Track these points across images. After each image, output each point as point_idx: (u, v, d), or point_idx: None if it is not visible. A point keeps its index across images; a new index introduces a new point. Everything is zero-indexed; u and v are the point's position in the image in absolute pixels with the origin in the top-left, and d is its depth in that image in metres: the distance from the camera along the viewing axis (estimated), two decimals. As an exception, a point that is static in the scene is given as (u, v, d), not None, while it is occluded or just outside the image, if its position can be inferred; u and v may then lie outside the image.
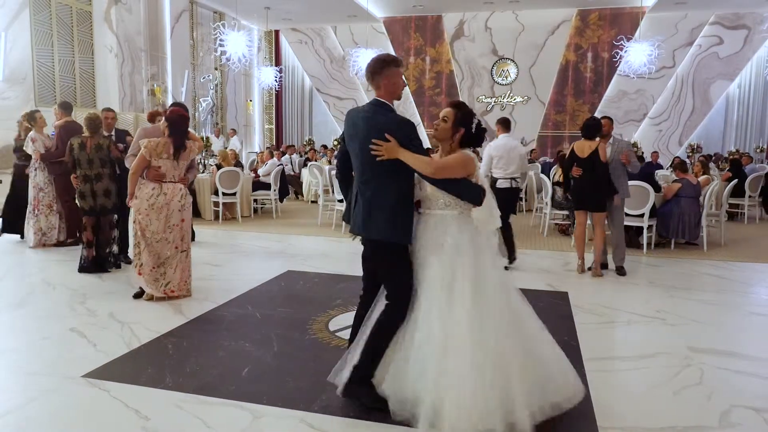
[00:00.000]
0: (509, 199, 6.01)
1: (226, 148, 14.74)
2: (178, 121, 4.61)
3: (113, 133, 6.17)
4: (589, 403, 2.99)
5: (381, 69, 2.83)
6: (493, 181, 5.94)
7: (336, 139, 14.53)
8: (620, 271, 5.91)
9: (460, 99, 17.34)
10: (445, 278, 2.69)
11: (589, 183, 5.65)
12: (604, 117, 5.92)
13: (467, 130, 2.81)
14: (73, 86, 11.75)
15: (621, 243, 5.93)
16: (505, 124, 6.16)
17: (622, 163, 5.70)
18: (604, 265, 6.04)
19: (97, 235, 5.67)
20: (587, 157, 5.58)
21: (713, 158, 13.95)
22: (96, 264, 5.65)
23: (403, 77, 2.97)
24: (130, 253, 5.59)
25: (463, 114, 2.82)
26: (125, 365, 3.43)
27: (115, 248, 5.86)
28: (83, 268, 5.61)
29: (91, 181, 5.54)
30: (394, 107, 2.87)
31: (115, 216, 5.82)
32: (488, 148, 6.15)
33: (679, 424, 2.82)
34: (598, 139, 5.66)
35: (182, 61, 14.51)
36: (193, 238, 7.23)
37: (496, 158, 5.96)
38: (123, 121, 12.07)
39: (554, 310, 4.71)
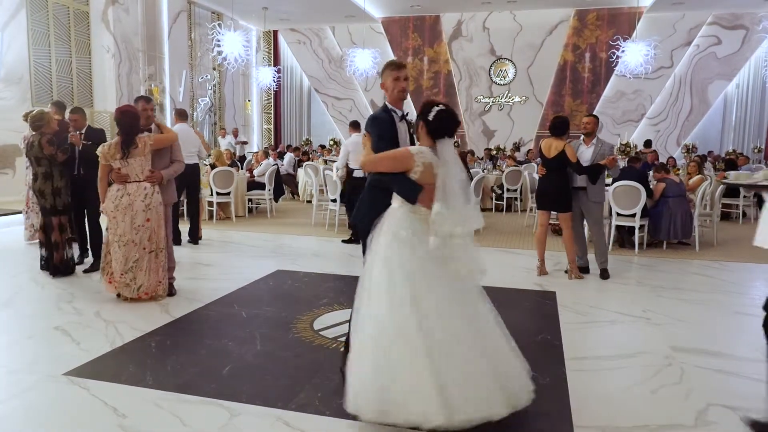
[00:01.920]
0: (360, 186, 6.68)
1: (257, 149, 14.83)
2: (121, 119, 4.54)
3: (83, 131, 5.85)
4: (566, 402, 3.01)
5: (381, 72, 3.20)
6: (350, 171, 7.37)
7: (332, 139, 14.53)
8: (603, 274, 5.71)
9: (458, 99, 17.46)
10: (382, 268, 2.69)
11: (554, 183, 5.57)
12: (590, 115, 5.84)
13: (425, 120, 2.82)
14: (70, 86, 11.80)
15: (601, 243, 5.73)
16: (354, 126, 7.82)
17: (603, 166, 5.55)
18: (585, 269, 5.87)
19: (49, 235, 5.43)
20: (554, 157, 5.50)
21: (710, 158, 13.93)
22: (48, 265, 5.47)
23: (401, 77, 3.15)
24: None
25: (421, 106, 2.89)
26: (107, 364, 3.45)
27: (68, 252, 5.52)
28: (43, 267, 5.51)
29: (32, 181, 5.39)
30: (391, 108, 3.17)
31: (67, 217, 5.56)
32: (344, 144, 7.91)
33: (654, 423, 2.83)
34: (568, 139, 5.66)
35: (180, 62, 14.56)
36: (202, 237, 7.37)
37: (351, 152, 7.42)
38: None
39: (540, 310, 4.74)
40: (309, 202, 10.79)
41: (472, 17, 17.12)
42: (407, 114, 3.26)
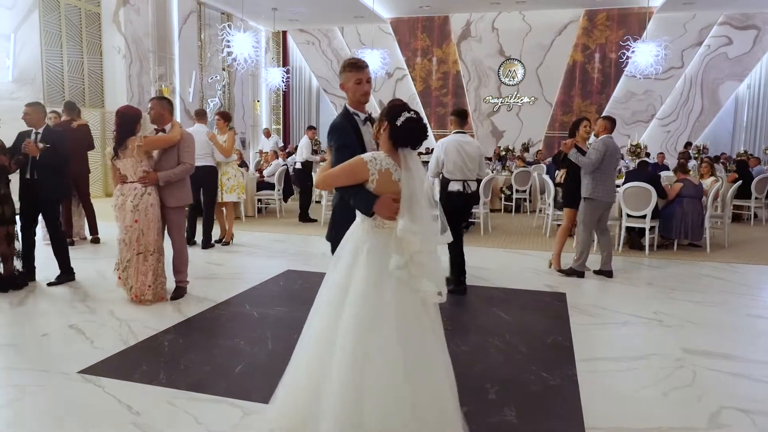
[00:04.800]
0: None
1: (282, 146, 14.77)
2: (115, 119, 4.62)
3: (40, 131, 5.16)
4: (578, 403, 3.01)
5: (339, 73, 3.01)
6: None
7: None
8: (574, 272, 5.77)
9: (467, 100, 17.42)
10: (337, 286, 2.45)
11: (564, 180, 6.12)
12: (601, 117, 5.98)
13: (391, 124, 2.44)
14: (82, 87, 11.89)
15: (583, 245, 5.74)
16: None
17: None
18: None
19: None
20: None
21: (721, 159, 13.83)
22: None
23: (363, 79, 2.89)
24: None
25: (390, 107, 2.50)
26: (121, 362, 3.48)
27: (17, 264, 5.03)
28: None
29: None
30: (353, 112, 2.92)
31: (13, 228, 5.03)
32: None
33: (666, 425, 2.82)
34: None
35: (190, 62, 14.64)
36: (211, 241, 7.14)
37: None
38: (130, 121, 12.18)
39: (550, 311, 4.73)
40: (318, 202, 10.81)
41: (481, 18, 17.10)
42: (370, 114, 2.99)
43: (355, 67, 2.89)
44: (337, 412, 2.26)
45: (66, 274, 5.27)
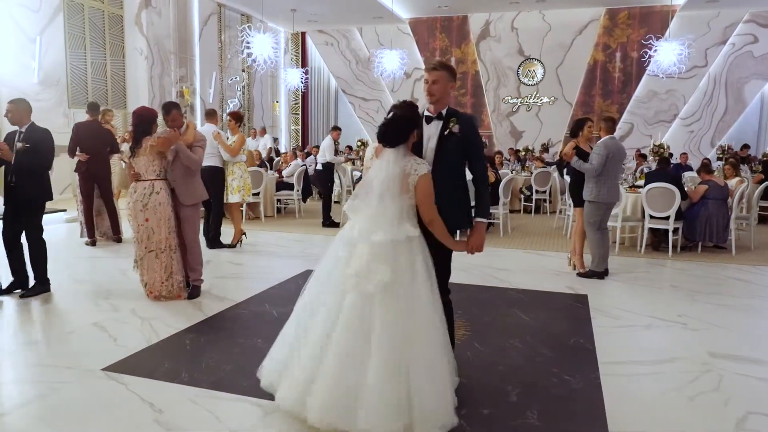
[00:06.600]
0: None
1: (270, 147, 14.84)
2: (132, 119, 4.75)
3: (23, 130, 4.68)
4: (602, 407, 2.96)
5: None
6: None
7: (360, 140, 14.56)
8: (594, 273, 5.73)
9: (486, 100, 17.33)
10: None
11: (570, 180, 6.15)
12: (602, 119, 5.88)
13: None
14: (105, 88, 12.07)
15: (595, 245, 5.70)
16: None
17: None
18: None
19: None
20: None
21: (748, 159, 13.56)
22: None
23: (429, 80, 2.99)
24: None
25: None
26: (143, 359, 3.52)
27: None
28: None
29: None
30: (426, 107, 3.06)
31: None
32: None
33: (692, 430, 2.77)
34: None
35: (210, 63, 14.79)
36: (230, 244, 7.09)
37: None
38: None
39: (572, 313, 4.68)
40: (337, 202, 10.83)
41: (501, 17, 17.00)
42: (441, 114, 2.97)
43: (426, 67, 3.10)
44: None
45: (40, 285, 4.85)
